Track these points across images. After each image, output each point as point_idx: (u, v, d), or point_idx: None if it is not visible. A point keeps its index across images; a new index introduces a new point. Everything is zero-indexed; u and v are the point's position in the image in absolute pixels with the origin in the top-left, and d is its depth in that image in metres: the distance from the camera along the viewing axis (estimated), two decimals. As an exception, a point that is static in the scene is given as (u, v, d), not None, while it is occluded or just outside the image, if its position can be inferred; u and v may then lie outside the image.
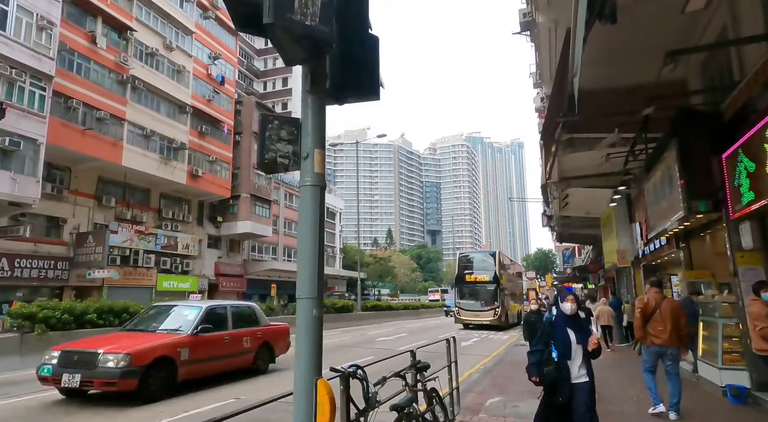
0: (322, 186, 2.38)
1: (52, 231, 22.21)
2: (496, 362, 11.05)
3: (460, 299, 24.84)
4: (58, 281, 21.79)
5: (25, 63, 18.28)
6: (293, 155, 2.23)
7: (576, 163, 10.95)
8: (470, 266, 25.68)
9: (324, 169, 2.34)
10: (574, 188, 13.54)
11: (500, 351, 14.08)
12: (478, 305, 23.85)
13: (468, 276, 25.09)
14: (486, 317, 23.25)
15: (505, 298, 25.02)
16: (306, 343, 2.33)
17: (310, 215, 2.34)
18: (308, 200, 2.35)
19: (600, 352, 4.11)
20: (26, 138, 18.31)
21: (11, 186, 17.73)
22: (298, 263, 2.49)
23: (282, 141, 2.19)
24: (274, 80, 47.47)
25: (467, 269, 25.62)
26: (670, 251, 9.52)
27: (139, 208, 26.19)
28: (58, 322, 10.15)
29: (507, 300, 25.56)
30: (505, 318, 24.09)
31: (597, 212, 17.59)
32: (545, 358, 4.04)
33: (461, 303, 24.62)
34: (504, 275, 25.52)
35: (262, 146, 2.18)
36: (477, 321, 23.40)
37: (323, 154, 2.30)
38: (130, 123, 24.11)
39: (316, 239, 2.37)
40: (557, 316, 4.22)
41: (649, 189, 8.50)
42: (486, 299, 23.81)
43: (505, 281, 25.34)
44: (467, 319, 23.89)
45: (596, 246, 26.67)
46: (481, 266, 25.27)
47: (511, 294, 27.46)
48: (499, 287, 23.83)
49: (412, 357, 4.16)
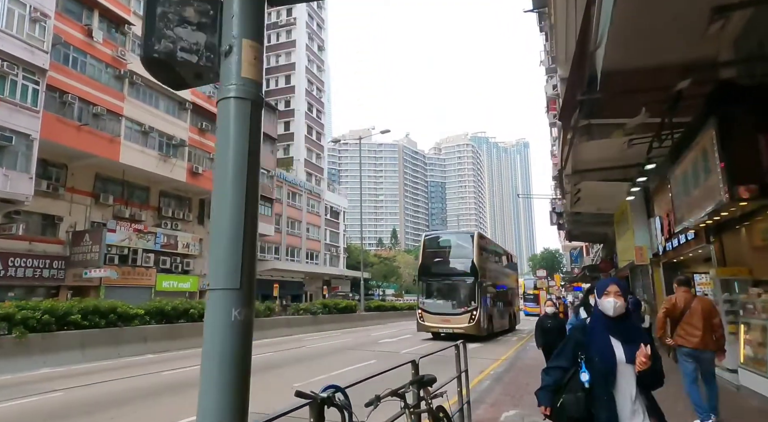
0: (255, 101, 1.50)
1: (48, 230, 21.69)
2: (507, 366, 10.29)
3: (424, 299, 18.45)
4: (54, 281, 21.25)
5: (17, 56, 17.75)
6: (207, 49, 1.37)
7: (592, 153, 10.18)
8: (439, 253, 19.54)
9: (260, 74, 1.48)
10: (587, 181, 12.81)
11: (510, 354, 13.32)
12: (449, 307, 17.68)
13: (435, 267, 18.90)
14: (459, 322, 17.22)
15: (488, 297, 18.90)
16: (216, 367, 1.39)
17: (232, 147, 1.43)
18: (230, 122, 1.43)
19: (659, 377, 2.56)
20: (18, 133, 17.77)
21: (3, 183, 17.20)
22: (211, 232, 1.56)
23: (187, 25, 1.34)
24: (277, 78, 46.91)
25: (435, 257, 19.41)
26: (697, 246, 8.75)
27: (138, 206, 25.64)
28: (38, 323, 9.52)
29: (490, 300, 19.44)
30: (487, 324, 18.15)
31: (609, 208, 16.87)
32: (567, 381, 2.64)
33: (426, 304, 18.22)
34: (486, 265, 19.51)
35: (151, 28, 1.33)
36: (447, 329, 17.30)
37: (259, 49, 1.48)
38: (128, 119, 23.56)
39: (242, 191, 1.45)
40: (594, 319, 2.81)
41: (676, 178, 7.73)
42: (459, 298, 17.76)
43: (487, 273, 19.31)
44: (434, 325, 17.72)
45: (607, 244, 25.86)
46: (454, 254, 19.12)
47: (498, 293, 21.19)
48: (477, 283, 17.61)
49: (415, 370, 3.36)
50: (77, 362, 10.11)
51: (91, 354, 10.55)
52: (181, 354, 12.25)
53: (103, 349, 10.94)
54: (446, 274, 18.49)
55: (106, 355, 10.91)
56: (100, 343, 10.91)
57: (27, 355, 9.29)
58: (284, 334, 19.27)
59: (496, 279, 21.10)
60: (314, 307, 24.37)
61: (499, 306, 21.14)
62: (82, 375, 8.97)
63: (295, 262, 40.14)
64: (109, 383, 8.22)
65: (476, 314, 17.11)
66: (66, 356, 9.99)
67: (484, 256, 19.29)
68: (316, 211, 44.86)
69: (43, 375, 8.91)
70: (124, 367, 9.95)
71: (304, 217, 42.59)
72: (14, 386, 7.84)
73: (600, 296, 2.75)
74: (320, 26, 51.80)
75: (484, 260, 19.08)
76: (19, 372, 8.88)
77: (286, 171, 40.86)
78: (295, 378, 8.69)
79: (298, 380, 8.56)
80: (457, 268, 18.38)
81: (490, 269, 20.03)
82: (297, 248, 41.17)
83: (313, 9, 50.24)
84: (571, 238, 30.16)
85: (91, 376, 8.77)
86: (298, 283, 40.01)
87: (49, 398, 7.01)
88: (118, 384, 8.14)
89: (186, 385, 8.05)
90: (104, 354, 10.88)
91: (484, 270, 18.67)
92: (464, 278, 17.92)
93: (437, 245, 20.14)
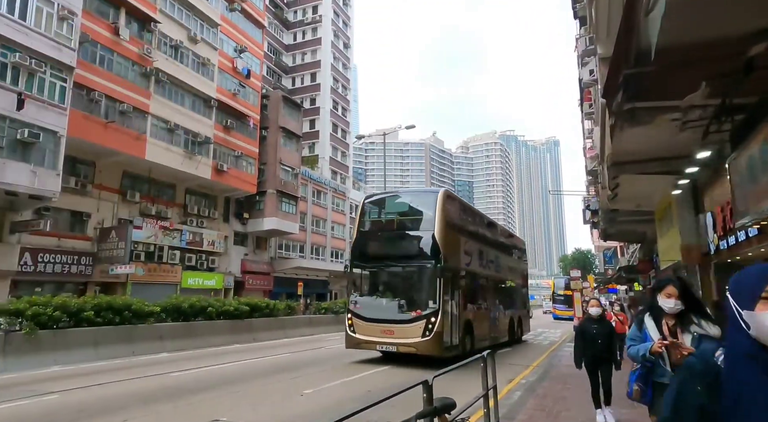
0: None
1: (76, 226, 21.96)
2: (540, 375, 9.42)
3: (358, 297, 11.77)
4: (81, 277, 21.49)
5: (45, 53, 17.89)
6: None
7: (635, 142, 9.20)
8: (385, 226, 12.61)
9: None
10: (628, 174, 11.79)
11: (542, 360, 12.41)
12: (393, 310, 10.99)
13: (376, 246, 12.10)
14: (407, 335, 10.64)
15: (460, 294, 11.94)
16: None
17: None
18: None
19: None
20: (46, 130, 17.92)
21: (31, 179, 17.35)
22: None
23: None
24: (303, 76, 46.79)
25: (378, 231, 12.60)
26: (760, 244, 7.71)
27: (164, 203, 25.77)
28: (50, 320, 9.28)
29: (469, 300, 12.63)
30: (458, 337, 11.36)
31: (649, 205, 15.70)
32: None
33: (359, 305, 11.54)
34: (460, 244, 12.50)
35: None
36: (388, 346, 10.82)
37: None
38: (154, 116, 23.65)
39: None
40: (741, 360, 1.23)
41: (738, 164, 6.78)
42: (410, 296, 11.21)
43: (461, 257, 12.41)
44: (369, 339, 11.02)
45: (645, 244, 24.42)
46: (406, 225, 12.27)
47: (486, 289, 14.52)
48: (441, 271, 10.83)
49: (427, 394, 2.52)
50: (90, 360, 9.85)
51: (105, 352, 10.30)
52: (197, 353, 11.91)
53: (117, 347, 10.68)
54: (392, 257, 11.59)
55: (120, 353, 10.64)
56: (114, 341, 10.66)
57: (37, 353, 9.06)
58: (306, 334, 18.85)
59: (482, 267, 14.29)
60: (336, 306, 23.90)
61: (490, 309, 14.50)
62: (93, 374, 8.66)
63: (320, 260, 39.85)
64: (115, 384, 7.85)
65: (436, 323, 10.35)
66: (78, 354, 9.75)
67: (455, 229, 12.29)
68: (341, 209, 44.50)
69: (52, 373, 8.64)
70: (136, 366, 9.63)
71: (330, 215, 42.29)
72: (16, 386, 7.55)
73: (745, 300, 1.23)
74: (346, 23, 51.46)
75: (454, 236, 12.10)
76: (28, 370, 8.63)
77: (312, 169, 40.63)
78: (309, 384, 8.14)
79: (311, 385, 8.00)
80: (408, 248, 11.46)
81: (468, 252, 12.97)
82: (322, 246, 40.88)
83: (338, 6, 49.94)
84: (606, 237, 28.65)
85: (96, 376, 8.44)
86: (323, 281, 39.72)
87: (45, 401, 6.65)
88: (121, 386, 7.75)
89: (195, 389, 7.59)
90: (118, 351, 10.62)
91: (454, 251, 11.89)
92: (420, 265, 11.10)
93: (382, 212, 12.84)
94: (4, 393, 6.82)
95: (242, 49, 30.27)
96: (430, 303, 10.67)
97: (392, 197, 13.57)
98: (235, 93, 29.23)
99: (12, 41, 16.86)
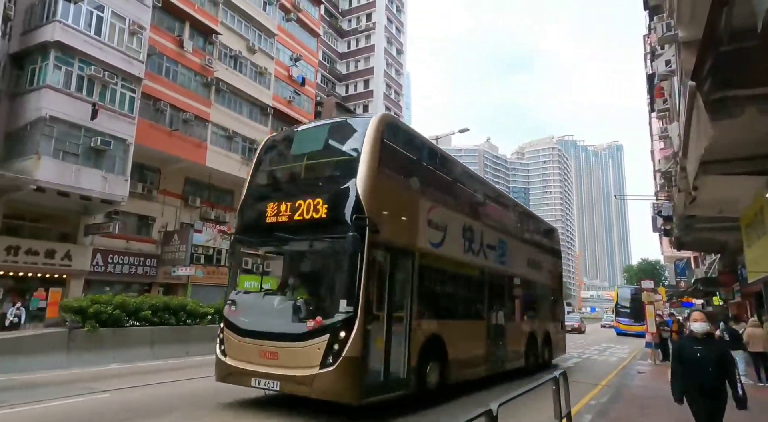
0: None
1: (143, 229, 23.13)
2: (612, 396, 8.46)
3: (238, 294, 7.39)
4: (146, 278, 22.57)
5: (117, 66, 19.01)
6: None
7: (723, 136, 8.15)
8: (286, 174, 7.99)
9: None
10: (710, 175, 10.56)
11: (612, 378, 11.33)
12: (280, 317, 6.44)
13: (269, 208, 7.02)
14: (299, 362, 5.97)
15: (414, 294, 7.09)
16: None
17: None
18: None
19: None
20: (116, 138, 18.99)
21: (102, 184, 18.41)
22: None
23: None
24: (356, 83, 47.28)
25: (276, 184, 7.91)
26: None
27: (222, 208, 26.64)
28: (110, 318, 9.60)
29: (417, 304, 7.09)
30: (408, 370, 6.66)
31: (733, 211, 14.06)
32: None
33: (238, 305, 7.08)
34: (408, 205, 7.50)
35: None
36: (268, 378, 6.11)
37: None
38: (214, 124, 24.57)
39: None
40: None
41: None
42: (313, 292, 6.76)
43: (412, 230, 7.42)
44: (242, 366, 6.42)
45: (726, 254, 22.16)
46: (318, 172, 7.51)
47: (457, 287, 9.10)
48: (369, 248, 6.07)
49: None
50: (146, 358, 10.10)
51: (161, 352, 10.54)
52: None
53: (173, 346, 10.91)
54: (291, 227, 6.76)
55: (175, 353, 10.85)
56: (169, 340, 10.90)
57: (98, 350, 9.39)
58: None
59: (473, 254, 9.40)
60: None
61: (486, 319, 9.77)
62: (147, 373, 8.81)
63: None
64: (166, 384, 7.89)
65: (348, 340, 5.79)
66: (136, 352, 10.02)
67: (406, 181, 7.71)
68: (394, 215, 44.32)
69: (110, 371, 8.88)
70: (189, 367, 9.73)
71: (382, 221, 42.20)
72: (75, 382, 7.75)
73: None
74: (399, 30, 51.60)
75: (400, 192, 7.47)
76: (89, 366, 8.92)
77: (364, 175, 40.78)
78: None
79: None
80: (315, 209, 6.55)
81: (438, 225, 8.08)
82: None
83: (392, 13, 50.16)
84: (680, 246, 26.28)
85: (149, 376, 8.54)
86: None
87: (98, 399, 6.72)
88: (171, 387, 7.76)
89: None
90: (173, 351, 10.84)
91: (400, 216, 7.17)
92: (329, 237, 6.50)
93: (287, 156, 8.18)
94: (63, 390, 7.00)
95: (298, 57, 30.94)
96: (341, 305, 5.92)
97: (304, 131, 8.50)
98: (290, 101, 29.87)
99: (89, 56, 18.03)
